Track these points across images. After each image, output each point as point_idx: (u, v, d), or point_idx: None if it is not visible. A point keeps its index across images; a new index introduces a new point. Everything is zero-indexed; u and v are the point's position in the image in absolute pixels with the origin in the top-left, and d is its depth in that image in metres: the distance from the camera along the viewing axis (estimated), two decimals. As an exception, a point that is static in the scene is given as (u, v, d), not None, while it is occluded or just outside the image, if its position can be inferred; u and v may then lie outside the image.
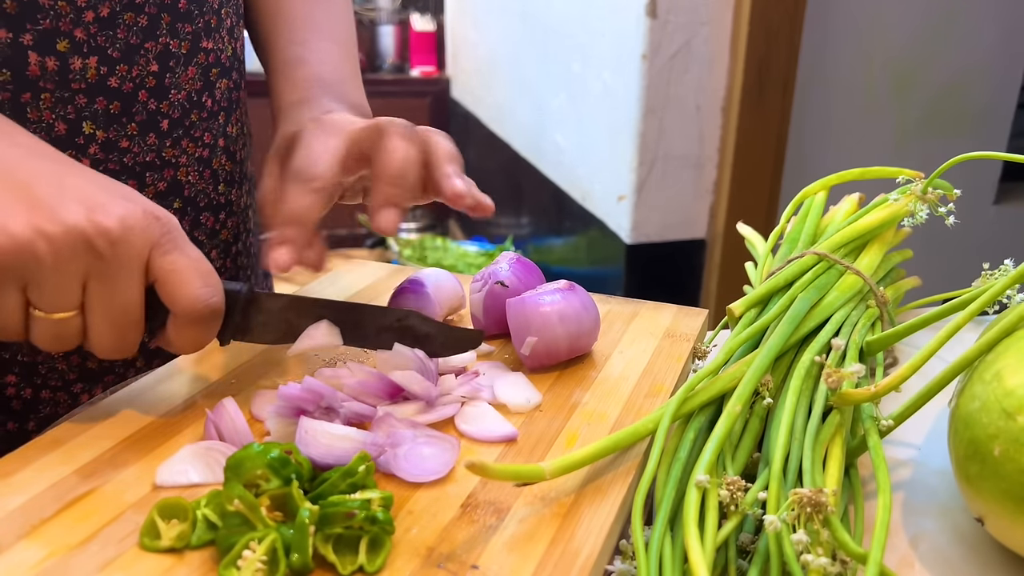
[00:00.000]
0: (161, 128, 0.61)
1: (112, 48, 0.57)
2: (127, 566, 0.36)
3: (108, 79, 0.57)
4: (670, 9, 1.62)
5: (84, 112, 0.57)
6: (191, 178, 0.65)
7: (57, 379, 0.62)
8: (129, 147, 0.60)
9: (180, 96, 0.62)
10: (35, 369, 0.61)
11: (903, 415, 0.45)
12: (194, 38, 0.62)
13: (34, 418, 0.62)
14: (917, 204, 0.59)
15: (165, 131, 0.62)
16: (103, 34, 0.56)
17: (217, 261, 0.70)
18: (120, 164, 0.60)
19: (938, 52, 1.91)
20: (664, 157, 1.74)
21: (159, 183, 0.63)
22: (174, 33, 0.60)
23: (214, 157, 0.67)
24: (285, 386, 0.46)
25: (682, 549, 0.38)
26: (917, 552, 0.44)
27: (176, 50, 0.61)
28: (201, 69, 0.63)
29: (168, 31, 0.60)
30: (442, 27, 3.24)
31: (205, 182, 0.66)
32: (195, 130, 0.64)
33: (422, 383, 0.48)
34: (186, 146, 0.64)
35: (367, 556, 0.37)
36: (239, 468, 0.39)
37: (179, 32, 0.61)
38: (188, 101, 0.63)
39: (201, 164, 0.65)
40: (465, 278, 0.67)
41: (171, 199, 0.64)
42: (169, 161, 0.63)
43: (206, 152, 0.66)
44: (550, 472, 0.40)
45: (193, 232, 0.66)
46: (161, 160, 0.62)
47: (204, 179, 0.66)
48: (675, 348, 0.58)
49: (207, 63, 0.64)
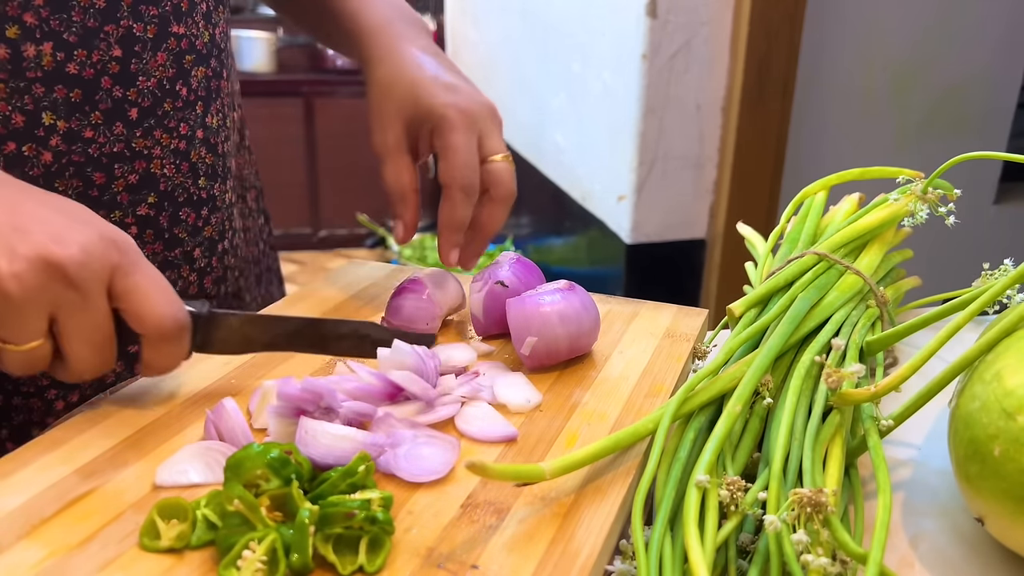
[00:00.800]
0: (129, 117, 0.59)
1: (68, 32, 0.55)
2: (127, 566, 0.36)
3: (66, 65, 0.55)
4: (670, 9, 1.62)
5: (43, 102, 0.55)
6: (167, 171, 0.63)
7: (30, 386, 0.60)
8: (94, 137, 0.58)
9: (150, 83, 0.60)
10: (6, 376, 0.59)
11: (903, 415, 0.45)
12: (161, 22, 0.60)
13: (7, 425, 0.60)
14: (917, 204, 0.59)
15: (134, 120, 0.60)
16: (56, 17, 0.54)
17: (202, 259, 0.67)
18: (85, 155, 0.58)
19: (938, 52, 1.91)
20: (664, 157, 1.74)
21: (130, 175, 0.60)
22: (137, 16, 0.58)
23: (192, 149, 0.64)
24: (285, 386, 0.46)
25: (682, 549, 0.38)
26: (917, 552, 0.44)
27: (141, 34, 0.59)
28: (173, 55, 0.61)
29: (130, 13, 0.58)
30: (442, 27, 3.24)
31: (183, 176, 0.64)
32: (169, 120, 0.62)
33: (421, 384, 0.48)
34: (159, 137, 0.61)
35: (367, 556, 0.37)
36: (239, 468, 0.39)
37: (143, 15, 0.58)
38: (159, 89, 0.61)
39: (178, 156, 0.63)
40: (465, 278, 0.67)
41: (145, 192, 0.62)
42: (140, 152, 0.61)
43: (183, 144, 0.63)
44: (550, 472, 0.40)
45: (172, 228, 0.64)
46: (131, 151, 0.60)
47: (182, 172, 0.64)
48: (675, 348, 0.58)
49: (179, 49, 0.62)
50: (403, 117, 0.60)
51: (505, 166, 0.60)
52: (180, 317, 0.47)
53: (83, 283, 0.43)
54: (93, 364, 0.46)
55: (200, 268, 0.67)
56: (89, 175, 0.58)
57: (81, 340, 0.44)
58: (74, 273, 0.42)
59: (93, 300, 0.44)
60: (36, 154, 0.56)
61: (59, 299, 0.43)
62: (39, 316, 0.43)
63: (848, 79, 1.87)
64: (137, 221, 0.62)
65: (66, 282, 0.42)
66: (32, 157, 0.56)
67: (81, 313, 0.43)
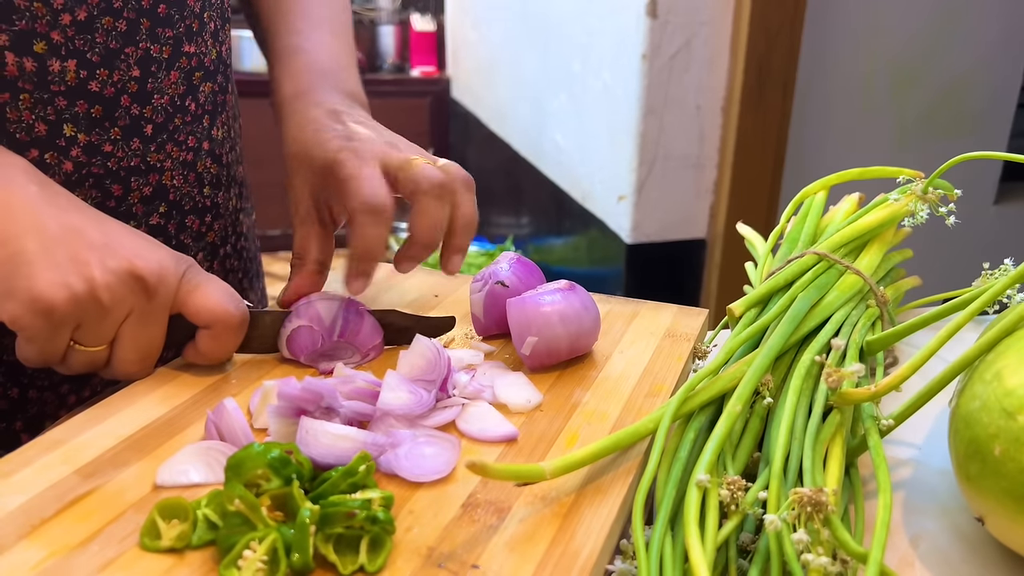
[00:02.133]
0: (145, 133, 0.61)
1: (91, 52, 0.57)
2: (127, 566, 0.36)
3: (88, 83, 0.57)
4: (670, 9, 1.62)
5: (64, 114, 0.57)
6: (176, 182, 0.65)
7: (44, 379, 0.62)
8: (113, 151, 0.60)
9: (163, 101, 0.62)
10: (22, 369, 0.60)
11: (903, 415, 0.45)
12: (176, 43, 0.62)
13: (22, 418, 0.62)
14: (917, 204, 0.59)
15: (149, 136, 0.62)
16: (81, 37, 0.56)
17: (204, 264, 0.69)
18: (104, 168, 0.60)
19: (938, 52, 1.91)
20: (664, 157, 1.74)
21: (144, 188, 0.62)
22: (154, 38, 0.60)
23: (199, 160, 0.67)
24: (286, 386, 0.46)
25: (683, 549, 0.38)
26: (917, 552, 0.44)
27: (157, 55, 0.61)
28: (184, 73, 0.63)
29: (148, 36, 0.60)
30: (442, 27, 3.24)
31: (190, 185, 0.66)
32: (179, 134, 0.64)
33: (407, 406, 0.47)
34: (170, 150, 0.64)
35: (368, 556, 0.37)
36: (239, 468, 0.39)
37: (160, 37, 0.60)
38: (171, 105, 0.63)
39: (185, 167, 0.65)
40: (465, 278, 0.67)
41: (157, 203, 0.64)
42: (154, 166, 0.63)
43: (190, 155, 0.66)
44: (550, 472, 0.40)
45: (179, 235, 0.66)
46: (146, 165, 0.62)
47: (189, 182, 0.66)
48: (675, 348, 0.58)
49: (190, 67, 0.64)
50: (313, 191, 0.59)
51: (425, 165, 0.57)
52: (241, 308, 0.52)
53: (158, 295, 0.49)
54: (134, 370, 0.51)
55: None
56: (108, 187, 0.60)
57: (134, 347, 0.49)
58: (153, 285, 0.48)
59: (160, 311, 0.49)
60: (58, 162, 0.57)
61: (135, 308, 0.48)
62: (116, 323, 0.48)
63: (848, 79, 1.87)
64: (149, 230, 0.64)
65: (146, 293, 0.48)
66: (54, 165, 0.57)
67: (145, 323, 0.49)
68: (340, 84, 0.64)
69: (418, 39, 3.26)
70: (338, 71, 0.65)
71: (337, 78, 0.64)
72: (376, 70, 3.31)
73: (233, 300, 0.52)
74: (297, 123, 0.61)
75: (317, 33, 0.67)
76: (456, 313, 0.63)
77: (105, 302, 0.47)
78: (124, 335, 0.49)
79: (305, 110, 0.61)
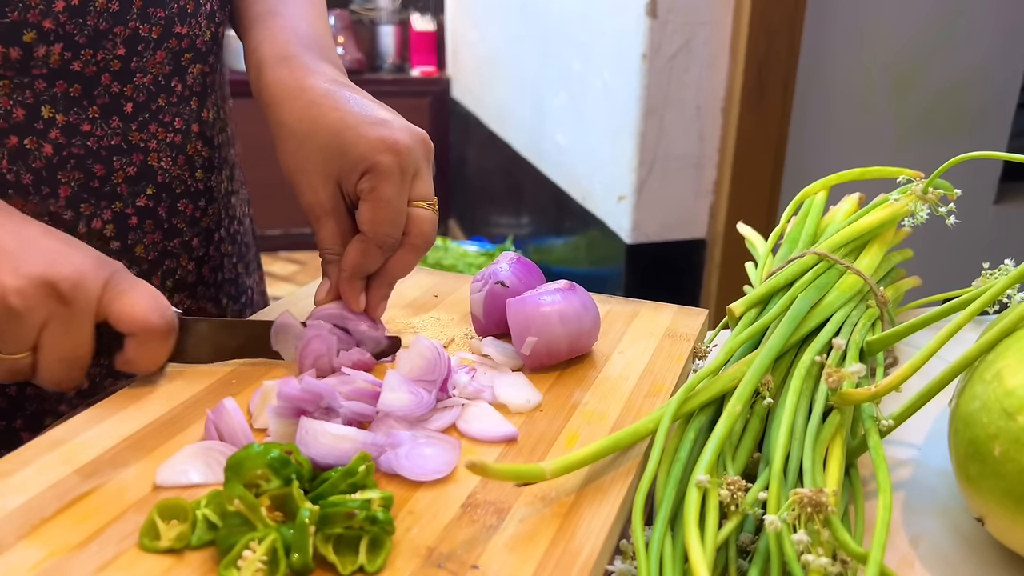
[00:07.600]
0: (125, 111, 0.61)
1: (80, 35, 0.56)
2: (127, 566, 0.36)
3: (72, 63, 0.57)
4: (670, 9, 1.62)
5: (43, 96, 0.56)
6: (164, 164, 0.64)
7: None
8: (92, 131, 0.59)
9: (145, 80, 0.61)
10: None
11: (903, 415, 0.45)
12: (167, 23, 0.61)
13: (21, 416, 0.62)
14: (917, 204, 0.59)
15: (129, 114, 0.61)
16: (72, 21, 0.55)
17: (200, 249, 0.69)
18: (84, 148, 0.59)
19: (938, 52, 1.91)
20: (664, 157, 1.74)
21: (128, 168, 0.62)
22: (145, 18, 0.59)
23: (188, 143, 0.66)
24: (285, 386, 0.46)
25: (682, 549, 0.38)
26: (917, 552, 0.44)
27: (146, 34, 0.60)
28: (171, 53, 0.62)
29: (139, 16, 0.59)
30: (442, 27, 3.24)
31: (180, 168, 0.66)
32: (163, 114, 0.63)
33: (408, 407, 0.47)
34: (155, 131, 0.63)
35: (367, 556, 0.37)
36: (239, 468, 0.39)
37: (150, 17, 0.60)
38: (154, 85, 0.62)
39: (174, 150, 0.65)
40: (465, 278, 0.67)
41: (143, 184, 0.63)
42: (137, 145, 0.62)
43: (178, 137, 0.65)
44: (550, 472, 0.40)
45: (171, 219, 0.66)
46: (128, 144, 0.62)
47: (179, 165, 0.65)
48: (675, 348, 0.58)
49: (179, 48, 0.63)
50: (332, 172, 0.54)
51: (429, 214, 0.55)
52: (168, 316, 0.50)
53: (75, 301, 0.47)
54: (61, 378, 0.49)
55: (198, 257, 0.69)
56: (89, 167, 0.60)
57: (56, 355, 0.48)
58: (68, 291, 0.47)
59: (81, 318, 0.48)
60: (37, 147, 0.57)
61: (52, 314, 0.47)
62: (32, 329, 0.47)
63: (848, 79, 1.87)
64: (137, 212, 0.63)
65: (61, 299, 0.47)
66: (34, 150, 0.57)
67: (65, 330, 0.48)
68: (325, 53, 0.61)
69: (418, 39, 3.26)
70: (319, 38, 0.62)
71: (321, 46, 0.61)
72: (376, 70, 3.31)
73: (159, 308, 0.50)
74: (295, 94, 0.55)
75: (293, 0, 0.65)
76: (456, 313, 0.63)
77: (17, 308, 0.45)
78: (45, 342, 0.47)
79: (302, 78, 0.56)
